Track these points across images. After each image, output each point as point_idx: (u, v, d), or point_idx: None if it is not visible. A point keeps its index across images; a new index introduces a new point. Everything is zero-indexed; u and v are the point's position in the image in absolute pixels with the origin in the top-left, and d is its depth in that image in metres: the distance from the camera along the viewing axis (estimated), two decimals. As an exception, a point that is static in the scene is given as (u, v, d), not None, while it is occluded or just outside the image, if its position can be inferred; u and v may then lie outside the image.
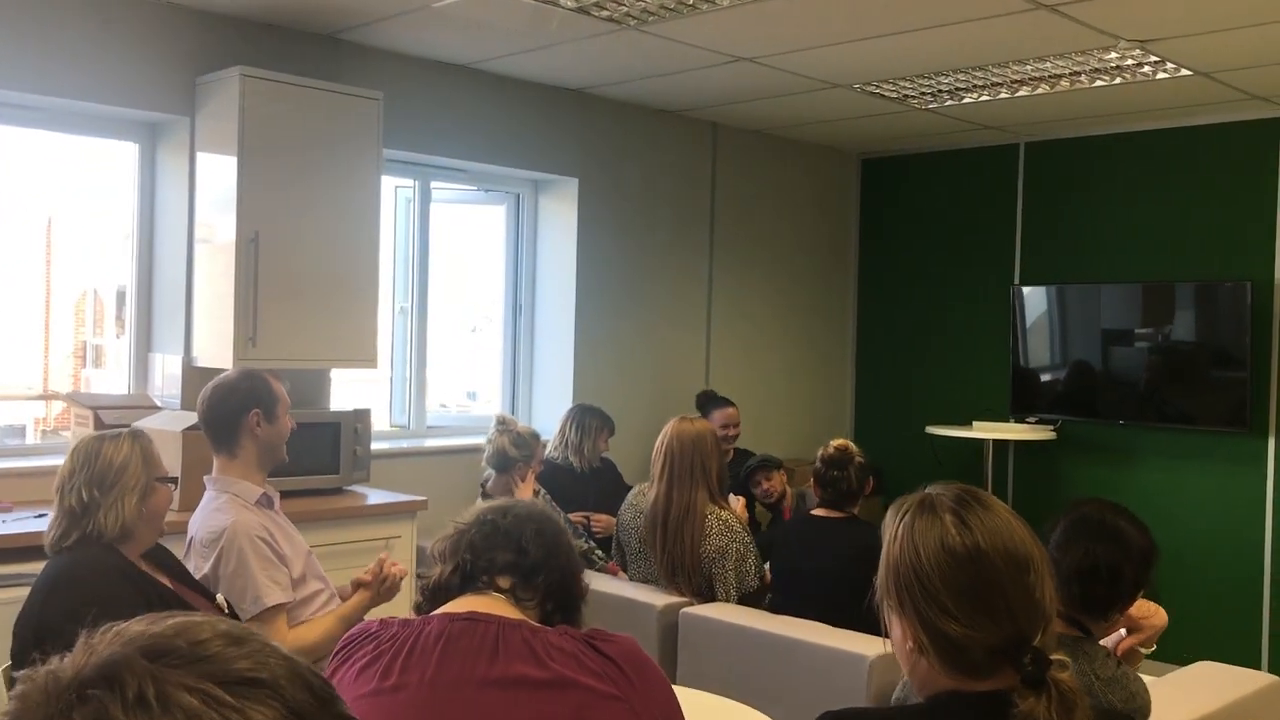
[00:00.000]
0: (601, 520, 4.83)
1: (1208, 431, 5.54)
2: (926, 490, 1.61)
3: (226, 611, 2.62)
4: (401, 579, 2.98)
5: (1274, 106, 5.28)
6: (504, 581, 1.76)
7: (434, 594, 1.77)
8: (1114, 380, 5.88)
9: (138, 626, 0.76)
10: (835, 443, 3.86)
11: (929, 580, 1.50)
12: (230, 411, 2.94)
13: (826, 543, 3.73)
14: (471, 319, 5.82)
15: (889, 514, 1.62)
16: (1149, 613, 2.20)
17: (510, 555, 1.77)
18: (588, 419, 5.09)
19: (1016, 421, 6.13)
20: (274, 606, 2.79)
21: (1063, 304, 6.08)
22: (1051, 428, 5.99)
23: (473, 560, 1.76)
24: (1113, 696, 1.97)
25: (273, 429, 2.97)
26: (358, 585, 2.96)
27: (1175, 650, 3.59)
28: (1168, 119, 5.62)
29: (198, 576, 2.80)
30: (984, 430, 5.96)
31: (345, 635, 1.76)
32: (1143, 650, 2.24)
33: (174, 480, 2.59)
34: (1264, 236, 5.41)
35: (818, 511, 3.86)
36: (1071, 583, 2.13)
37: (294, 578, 2.90)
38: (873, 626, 3.52)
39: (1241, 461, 5.47)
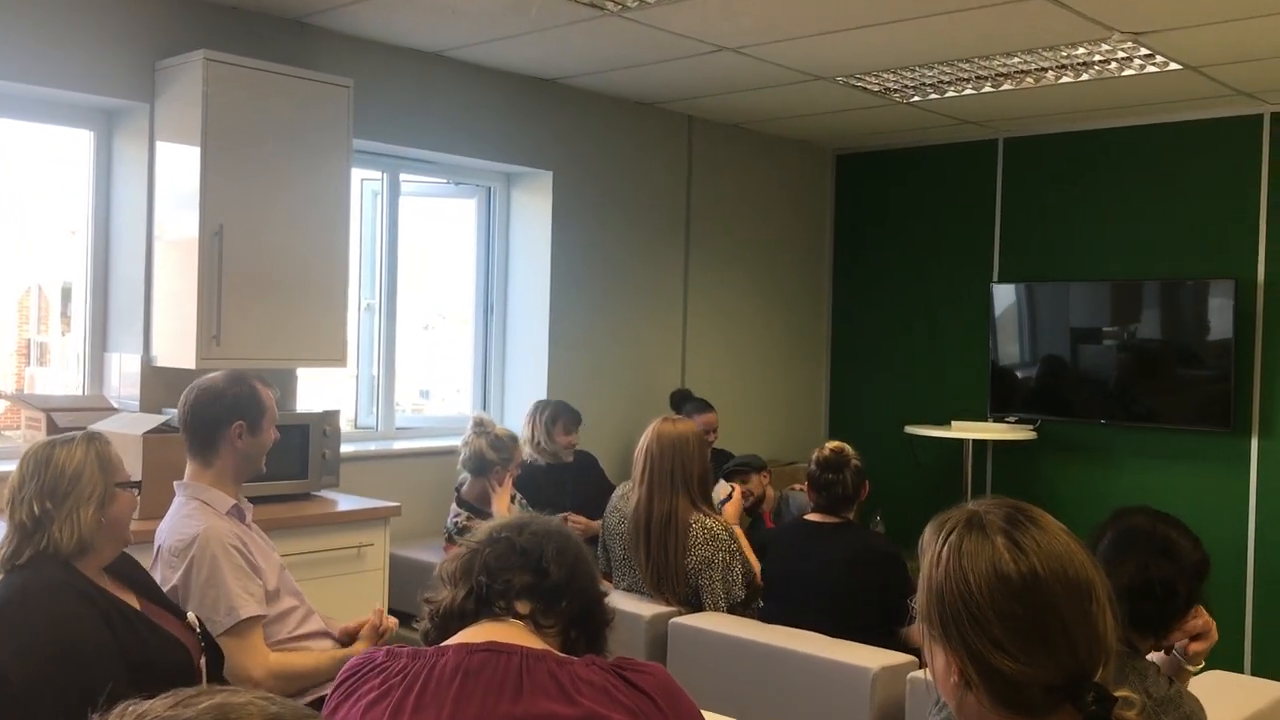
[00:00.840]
0: (579, 523, 4.66)
1: (1190, 431, 5.48)
2: (972, 507, 1.46)
3: (198, 630, 2.43)
4: (393, 631, 2.88)
5: (1259, 102, 5.23)
6: (523, 606, 1.59)
7: (444, 621, 1.59)
8: (1094, 379, 5.81)
9: (163, 706, 0.59)
10: (830, 445, 3.72)
11: (979, 610, 1.35)
12: (212, 419, 2.78)
13: (822, 549, 3.59)
14: (426, 315, 5.62)
15: (928, 532, 1.46)
16: (1205, 623, 2.08)
17: (529, 577, 1.60)
18: (538, 413, 4.90)
19: (996, 421, 6.05)
20: (249, 619, 2.63)
21: (1039, 302, 6.00)
22: (1031, 427, 5.90)
23: (488, 583, 1.58)
24: (1166, 719, 1.84)
25: (255, 441, 2.83)
26: (345, 633, 2.84)
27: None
28: (1151, 114, 5.55)
29: (166, 587, 2.63)
30: (963, 430, 5.86)
31: (346, 666, 1.58)
32: (1190, 669, 2.11)
33: (136, 485, 2.40)
34: (1248, 234, 5.35)
35: (812, 516, 3.72)
36: (1120, 600, 2.00)
37: (269, 590, 2.75)
38: (873, 637, 3.41)
39: (1225, 461, 5.41)
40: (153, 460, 3.57)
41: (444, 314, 5.61)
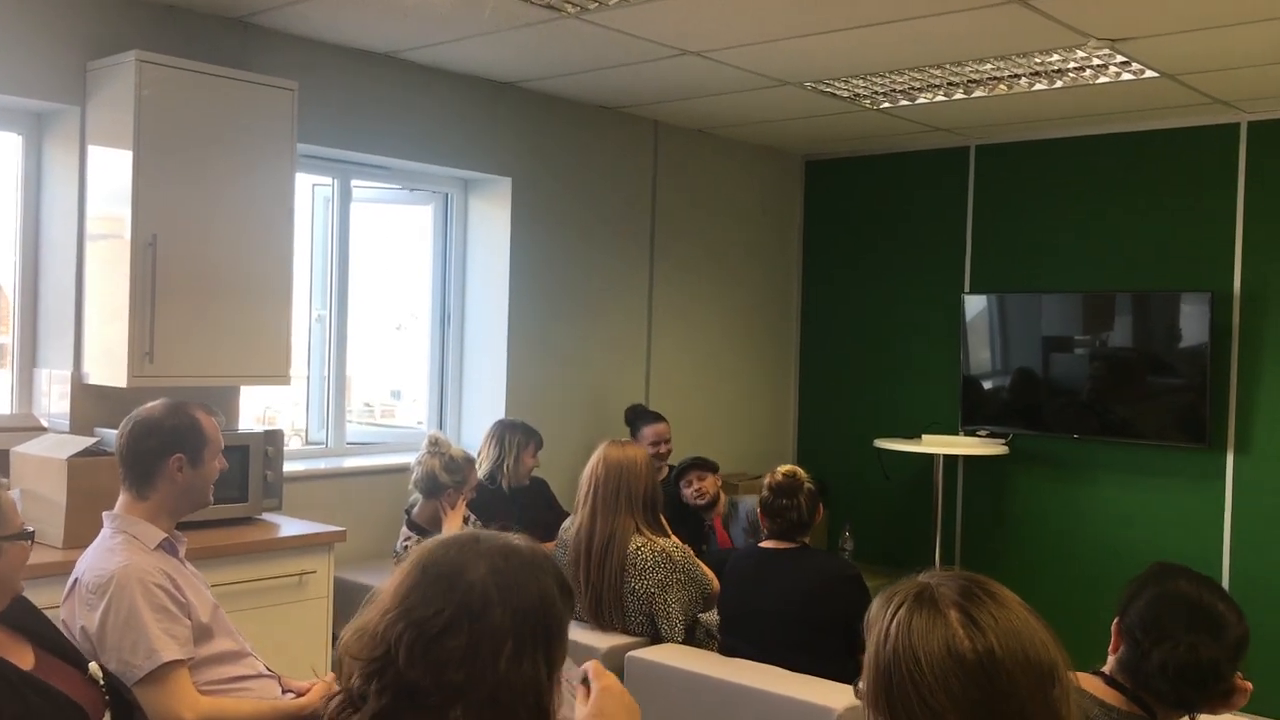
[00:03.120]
0: None
1: (1165, 447, 5.36)
2: (923, 579, 1.34)
3: (102, 684, 2.23)
4: None
5: (1236, 111, 5.11)
6: None
7: None
8: (1067, 392, 5.67)
9: None
10: (783, 469, 3.57)
11: (931, 694, 1.23)
12: (149, 453, 2.60)
13: (780, 578, 3.43)
14: (396, 317, 5.44)
15: (875, 606, 1.34)
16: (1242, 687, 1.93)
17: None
18: (508, 435, 4.72)
19: (967, 434, 5.91)
20: (171, 663, 2.43)
21: (1011, 314, 5.87)
22: (1003, 441, 5.77)
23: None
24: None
25: (197, 474, 2.65)
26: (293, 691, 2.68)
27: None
28: (1127, 123, 5.43)
29: (79, 625, 2.45)
30: (934, 445, 5.72)
31: None
32: None
33: (29, 535, 2.19)
34: (1224, 246, 5.23)
35: (767, 544, 3.55)
36: (1157, 676, 1.85)
37: (203, 622, 2.57)
38: (838, 668, 3.24)
39: (1199, 478, 5.29)
40: (79, 486, 3.38)
41: (415, 314, 5.43)
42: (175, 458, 2.60)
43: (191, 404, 2.73)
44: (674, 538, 3.82)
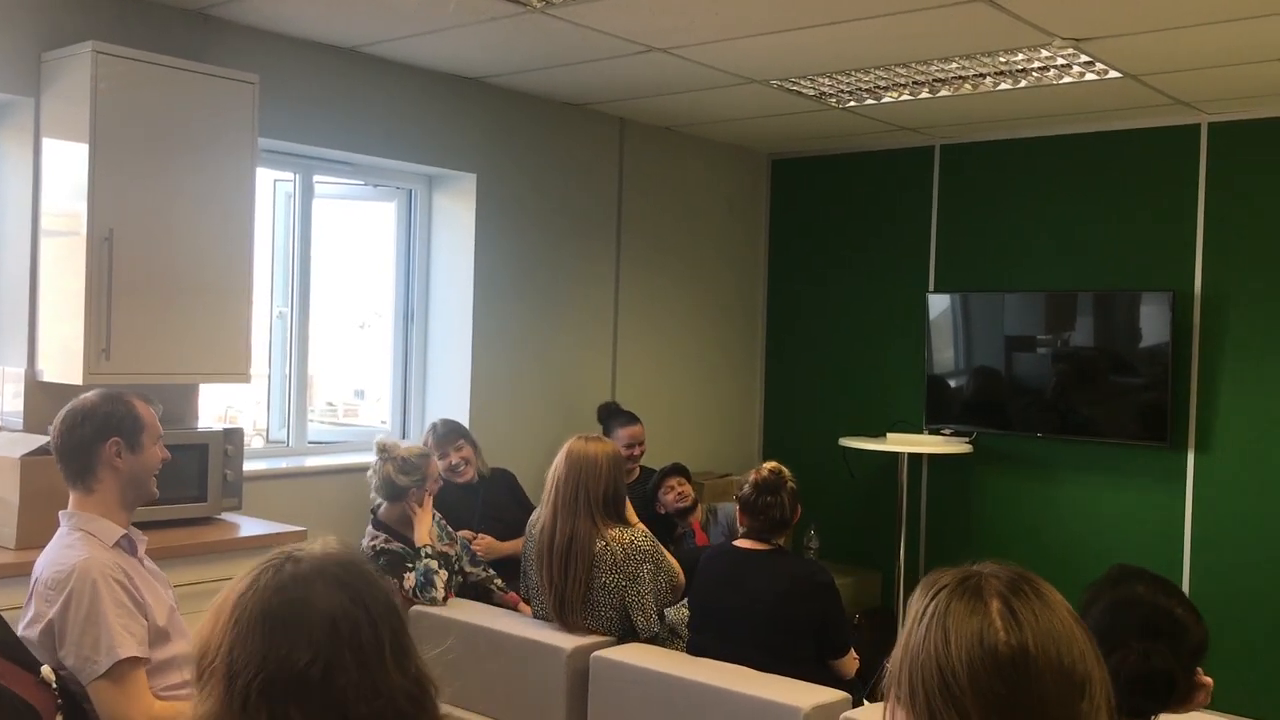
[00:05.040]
0: (483, 543, 4.44)
1: (1127, 446, 5.39)
2: (973, 566, 1.30)
3: (54, 686, 2.18)
4: None
5: (1197, 112, 5.14)
6: None
7: None
8: (1031, 392, 5.70)
9: None
10: (768, 465, 3.55)
11: (954, 678, 1.19)
12: (84, 440, 2.55)
13: (755, 579, 3.41)
14: (359, 315, 5.37)
15: (919, 589, 1.30)
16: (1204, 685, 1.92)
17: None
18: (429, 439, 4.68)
19: (931, 433, 5.92)
20: (129, 660, 2.39)
21: (975, 313, 5.89)
22: (967, 440, 5.79)
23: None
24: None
25: (136, 460, 2.59)
26: None
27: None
28: (1089, 123, 5.46)
29: (41, 623, 2.40)
30: (899, 443, 5.73)
31: None
32: None
33: None
34: (1185, 246, 5.27)
35: (742, 543, 3.54)
36: (1113, 680, 1.84)
37: (159, 625, 2.51)
38: (807, 670, 3.23)
39: (1161, 476, 5.32)
40: (32, 485, 3.32)
41: (379, 312, 5.36)
42: (112, 442, 2.55)
43: (126, 392, 2.68)
44: (640, 525, 3.77)
